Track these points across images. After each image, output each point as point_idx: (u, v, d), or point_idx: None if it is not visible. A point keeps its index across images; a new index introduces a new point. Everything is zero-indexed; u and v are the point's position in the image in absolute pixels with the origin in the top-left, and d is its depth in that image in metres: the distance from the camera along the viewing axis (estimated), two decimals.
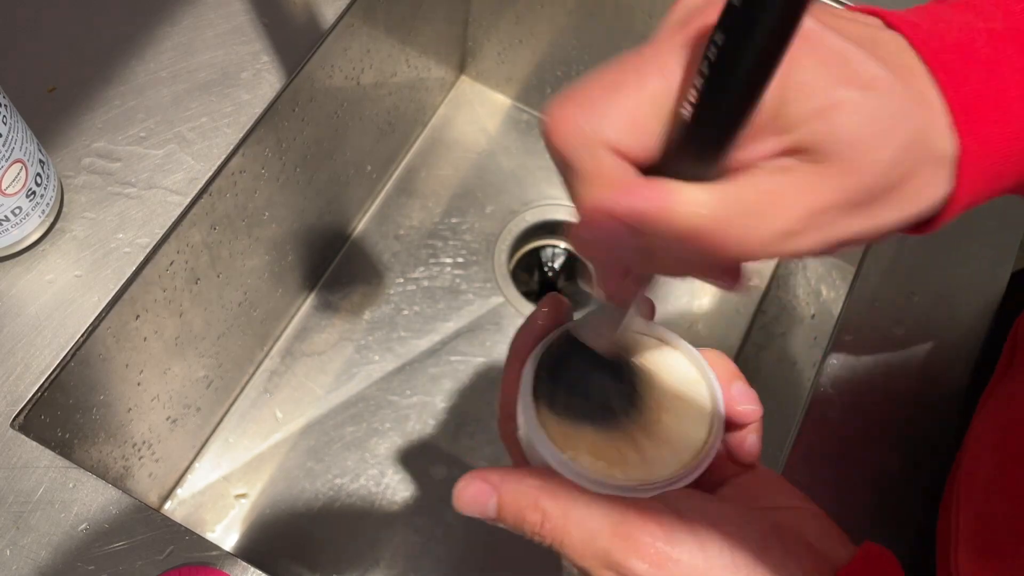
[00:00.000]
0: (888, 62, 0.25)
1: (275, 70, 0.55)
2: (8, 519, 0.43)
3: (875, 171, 0.25)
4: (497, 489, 0.29)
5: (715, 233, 0.24)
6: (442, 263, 0.76)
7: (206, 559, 0.42)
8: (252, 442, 0.68)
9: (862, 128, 0.24)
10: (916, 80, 0.26)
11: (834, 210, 0.25)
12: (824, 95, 0.24)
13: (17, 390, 0.45)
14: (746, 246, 0.25)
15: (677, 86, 0.25)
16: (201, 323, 0.58)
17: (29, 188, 0.45)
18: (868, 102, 0.24)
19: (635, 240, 0.25)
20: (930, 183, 0.26)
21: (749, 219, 0.24)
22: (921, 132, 0.25)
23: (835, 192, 0.25)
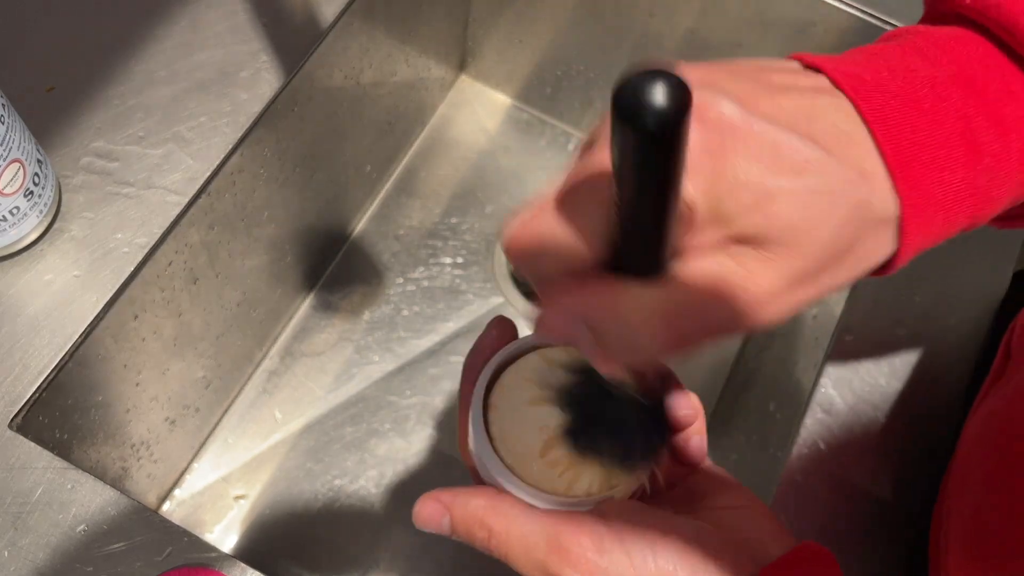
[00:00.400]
0: (824, 136, 0.26)
1: (274, 69, 0.55)
2: (6, 520, 0.42)
3: (817, 250, 0.26)
4: (448, 508, 0.32)
5: (665, 327, 0.26)
6: (442, 263, 0.76)
7: (205, 560, 0.42)
8: (251, 443, 0.68)
9: (797, 213, 0.25)
10: (855, 148, 0.26)
11: (781, 288, 0.26)
12: (757, 187, 0.25)
13: (15, 391, 0.45)
14: (697, 332, 0.26)
15: (602, 205, 0.26)
16: (200, 323, 0.58)
17: (27, 188, 0.45)
18: (802, 187, 0.25)
19: (590, 340, 0.27)
20: (876, 245, 0.27)
21: (700, 309, 0.26)
22: (860, 203, 0.26)
23: (781, 275, 0.26)
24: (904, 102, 0.27)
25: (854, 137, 0.26)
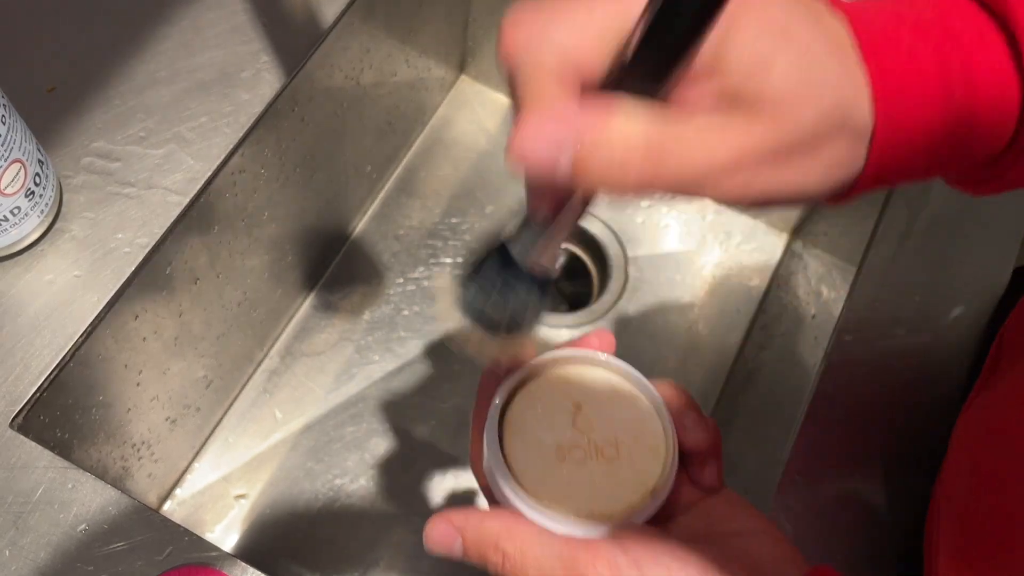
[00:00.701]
0: (826, 37, 0.27)
1: (275, 70, 0.55)
2: (7, 519, 0.43)
3: (797, 128, 0.27)
4: (461, 531, 0.32)
5: (643, 162, 0.26)
6: (442, 263, 0.76)
7: (205, 559, 0.42)
8: (252, 442, 0.68)
9: (791, 87, 0.26)
10: (848, 58, 0.28)
11: (756, 157, 0.26)
12: (761, 52, 0.26)
13: (16, 390, 0.45)
14: (671, 177, 0.26)
15: (631, 9, 0.26)
16: (200, 323, 0.58)
17: (28, 188, 0.45)
18: (800, 65, 0.27)
19: (564, 164, 0.26)
20: (847, 152, 0.28)
21: (678, 150, 0.26)
22: (845, 103, 0.27)
23: (759, 140, 0.26)
24: (888, 37, 0.28)
25: (847, 50, 0.28)
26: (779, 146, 0.27)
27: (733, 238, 0.80)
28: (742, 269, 0.79)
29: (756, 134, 0.26)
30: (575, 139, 0.25)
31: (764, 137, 0.26)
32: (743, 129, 0.26)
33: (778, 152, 0.27)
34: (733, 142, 0.26)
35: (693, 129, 0.26)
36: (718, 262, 0.79)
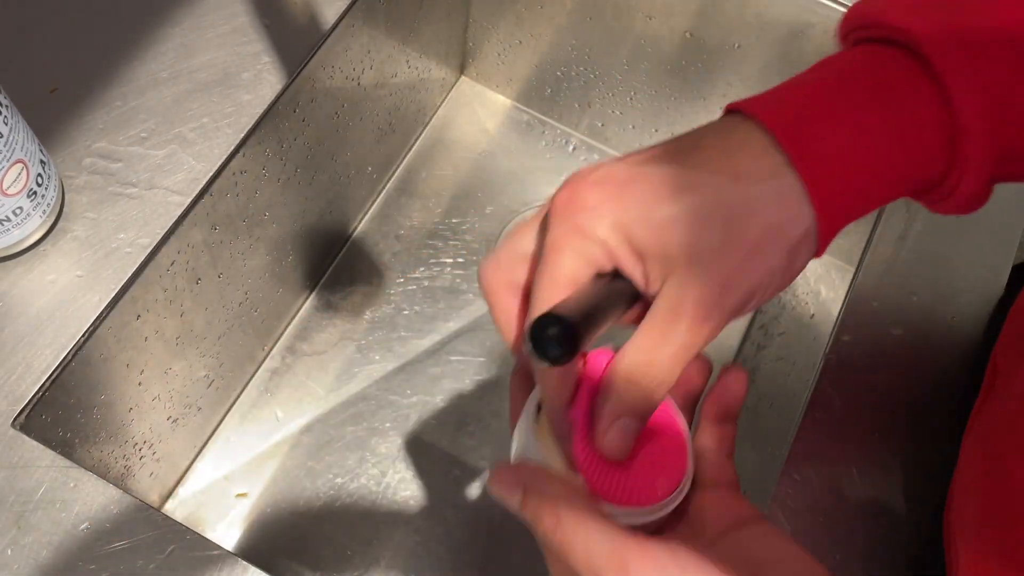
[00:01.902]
0: (741, 166, 0.30)
1: (276, 71, 0.55)
2: (9, 518, 0.43)
3: (713, 259, 0.30)
4: (525, 485, 0.33)
5: (650, 367, 0.30)
6: (442, 263, 0.76)
7: (207, 558, 0.42)
8: (253, 441, 0.68)
9: (685, 235, 0.30)
10: (770, 171, 0.30)
11: (706, 302, 0.30)
12: (653, 221, 0.30)
13: (18, 390, 0.45)
14: (667, 375, 0.31)
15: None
16: (202, 323, 0.58)
17: (30, 188, 0.46)
18: (687, 209, 0.30)
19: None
20: (800, 253, 0.31)
21: (653, 358, 0.30)
22: (775, 225, 0.30)
23: (695, 291, 0.30)
24: (800, 114, 0.31)
25: (770, 161, 0.30)
26: (713, 281, 0.30)
27: None
28: None
29: (689, 288, 0.30)
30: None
31: (696, 286, 0.30)
32: (679, 293, 0.30)
33: (717, 285, 0.30)
34: (680, 308, 0.30)
35: (656, 330, 0.30)
36: None
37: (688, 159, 0.31)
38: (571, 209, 0.31)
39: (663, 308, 0.30)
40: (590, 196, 0.31)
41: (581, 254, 0.31)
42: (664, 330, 0.30)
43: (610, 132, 0.80)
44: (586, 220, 0.31)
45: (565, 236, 0.31)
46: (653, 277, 0.30)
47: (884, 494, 0.48)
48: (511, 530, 0.68)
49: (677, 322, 0.30)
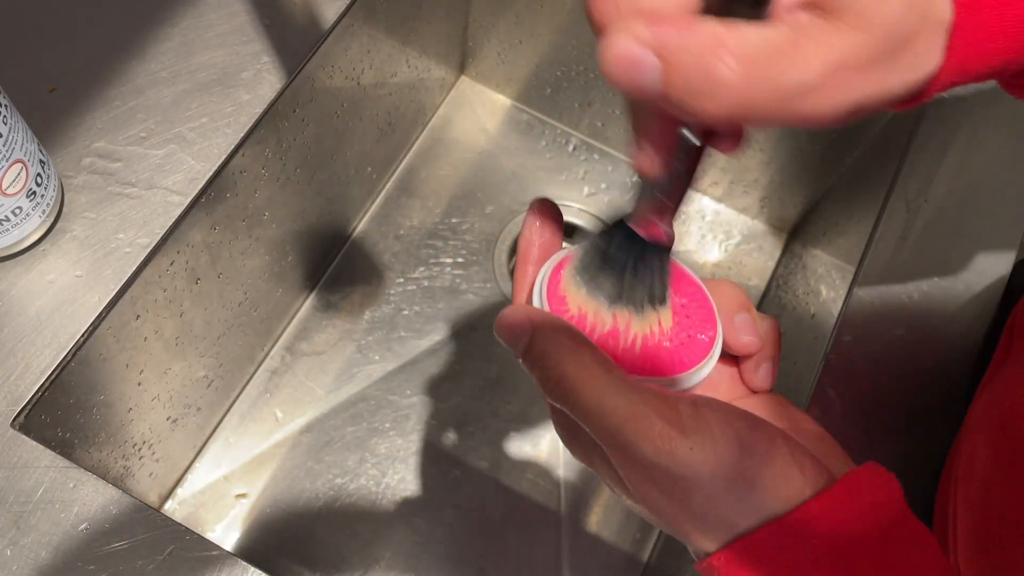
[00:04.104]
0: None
1: (275, 70, 0.55)
2: (8, 519, 0.43)
3: (884, 26, 0.26)
4: (534, 330, 0.30)
5: (735, 71, 0.25)
6: (442, 263, 0.76)
7: (206, 559, 0.42)
8: (252, 442, 0.68)
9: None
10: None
11: (849, 66, 0.26)
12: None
13: (18, 390, 0.45)
14: (767, 91, 0.25)
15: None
16: (201, 323, 0.58)
17: (29, 188, 0.45)
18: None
19: (658, 72, 0.25)
20: (929, 47, 0.27)
21: (771, 65, 0.25)
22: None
23: (849, 47, 0.25)
24: None
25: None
26: (868, 50, 0.26)
27: (733, 238, 0.80)
28: (742, 269, 0.79)
29: (844, 41, 0.25)
30: (662, 44, 0.25)
31: (852, 43, 0.26)
32: (830, 38, 0.25)
33: (868, 54, 0.26)
34: (826, 49, 0.25)
35: (784, 37, 0.25)
36: (718, 262, 0.79)
37: None
38: None
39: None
40: None
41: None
42: (820, 38, 0.25)
43: (610, 132, 0.80)
44: None
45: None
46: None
47: None
48: (511, 530, 0.67)
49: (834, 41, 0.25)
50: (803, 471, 0.30)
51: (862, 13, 0.25)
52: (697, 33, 0.25)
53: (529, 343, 0.31)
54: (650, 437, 0.28)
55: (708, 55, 0.24)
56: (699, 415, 0.29)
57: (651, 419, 0.29)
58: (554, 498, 0.69)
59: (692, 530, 0.30)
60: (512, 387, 0.72)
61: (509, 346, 0.31)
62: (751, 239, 0.80)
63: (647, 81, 0.25)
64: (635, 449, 0.29)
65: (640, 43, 0.25)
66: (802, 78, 0.25)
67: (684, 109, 0.25)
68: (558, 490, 0.69)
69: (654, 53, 0.25)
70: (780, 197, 0.78)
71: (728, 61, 0.24)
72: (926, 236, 0.56)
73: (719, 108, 0.25)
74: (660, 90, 0.25)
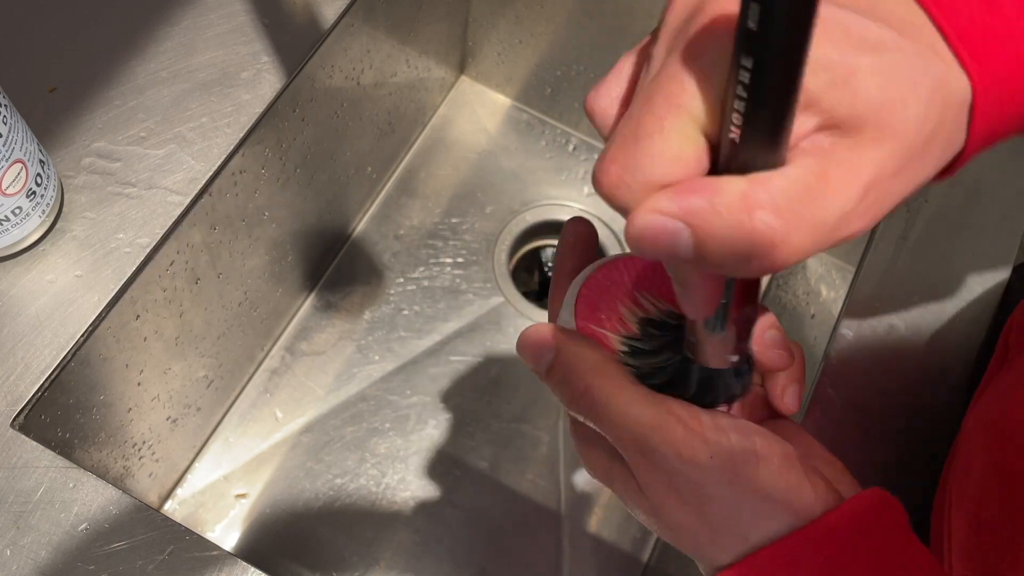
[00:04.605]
0: (889, 21, 0.25)
1: (275, 70, 0.55)
2: (8, 519, 0.43)
3: (909, 129, 0.25)
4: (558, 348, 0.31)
5: (770, 220, 0.24)
6: (442, 263, 0.76)
7: (206, 559, 0.42)
8: (252, 442, 0.68)
9: (884, 89, 0.24)
10: (922, 32, 0.26)
11: (883, 179, 0.25)
12: (837, 66, 0.24)
13: (17, 390, 0.45)
14: (810, 235, 0.24)
15: (699, 109, 0.25)
16: (201, 323, 0.58)
17: (29, 188, 0.45)
18: (882, 63, 0.24)
19: (691, 243, 0.24)
20: (955, 131, 0.26)
21: (808, 206, 0.24)
22: (940, 80, 0.25)
23: (879, 162, 0.24)
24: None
25: (917, 23, 0.26)
26: (898, 158, 0.25)
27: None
28: None
29: (872, 157, 0.24)
30: (687, 211, 0.24)
31: (881, 156, 0.24)
32: (857, 157, 0.24)
33: (900, 163, 0.25)
34: (856, 172, 0.24)
35: (811, 174, 0.24)
36: None
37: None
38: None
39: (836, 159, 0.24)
40: None
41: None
42: (835, 181, 0.24)
43: None
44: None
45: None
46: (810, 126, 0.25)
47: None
48: (511, 530, 0.67)
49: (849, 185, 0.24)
50: (815, 489, 0.30)
51: (883, 124, 0.24)
52: (723, 194, 0.24)
53: (554, 359, 0.31)
54: (673, 443, 0.29)
55: (741, 215, 0.23)
56: (718, 426, 0.30)
57: (674, 427, 0.30)
58: (554, 498, 0.69)
59: (706, 542, 0.31)
60: (512, 387, 0.72)
61: (532, 364, 0.32)
62: None
63: (681, 251, 0.24)
64: (658, 455, 0.29)
65: (666, 216, 0.24)
66: (842, 208, 0.24)
67: (729, 272, 0.25)
68: (558, 490, 0.69)
69: (683, 223, 0.24)
70: None
71: (764, 217, 0.23)
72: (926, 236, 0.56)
73: (772, 265, 0.24)
74: (694, 256, 0.24)
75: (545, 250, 0.80)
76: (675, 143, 0.25)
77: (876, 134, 0.24)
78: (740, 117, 0.23)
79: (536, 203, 0.79)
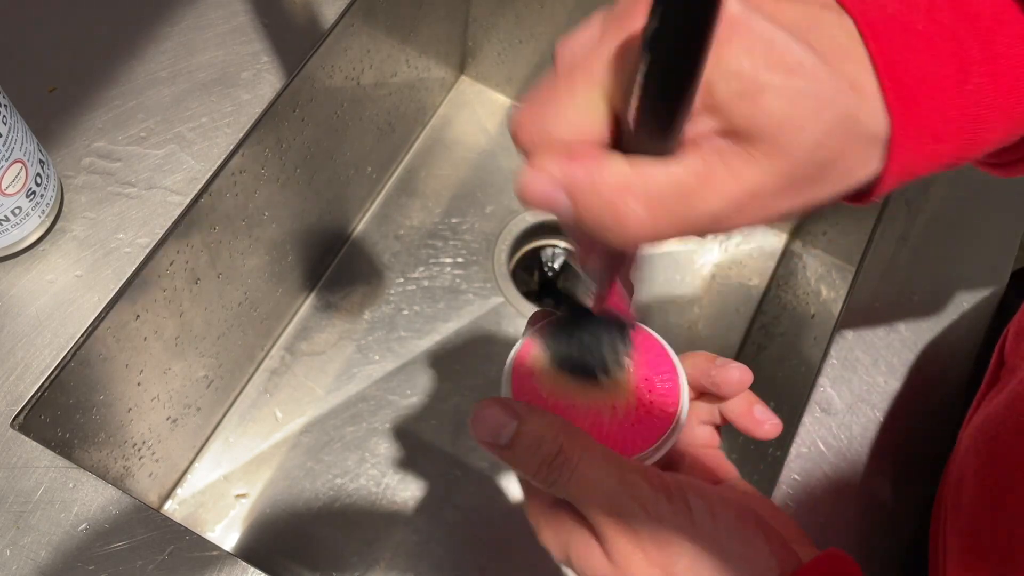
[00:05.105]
0: (821, 45, 0.26)
1: (275, 70, 0.55)
2: (8, 519, 0.43)
3: (801, 154, 0.26)
4: (519, 417, 0.32)
5: (643, 207, 0.26)
6: (442, 263, 0.76)
7: (206, 559, 0.42)
8: (252, 442, 0.68)
9: (785, 111, 0.25)
10: (850, 63, 0.27)
11: (763, 194, 0.26)
12: (748, 79, 0.25)
13: (17, 390, 0.45)
14: (671, 226, 0.26)
15: (611, 86, 0.27)
16: (201, 323, 0.58)
17: (29, 188, 0.45)
18: (791, 86, 0.25)
19: (569, 208, 0.26)
20: (860, 162, 0.27)
21: (676, 203, 0.26)
22: (848, 114, 0.26)
23: (761, 177, 0.26)
24: (900, 26, 0.27)
25: (851, 52, 0.27)
26: (784, 177, 0.26)
27: (733, 238, 0.80)
28: (742, 269, 0.79)
29: (758, 170, 0.26)
30: (569, 185, 0.26)
31: (767, 171, 0.26)
32: (744, 167, 0.26)
33: (784, 181, 0.26)
34: (735, 181, 0.26)
35: (691, 174, 0.26)
36: (718, 262, 0.79)
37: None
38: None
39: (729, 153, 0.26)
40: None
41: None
42: (726, 173, 0.26)
43: None
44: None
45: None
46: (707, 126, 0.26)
47: (885, 494, 0.48)
48: (511, 530, 0.67)
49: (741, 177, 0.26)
50: (772, 549, 0.31)
51: (776, 142, 0.25)
52: (605, 175, 0.26)
53: (519, 428, 0.32)
54: (640, 499, 0.30)
55: (615, 198, 0.25)
56: (679, 484, 0.31)
57: (641, 484, 0.31)
58: None
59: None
60: None
61: (490, 438, 0.32)
62: (751, 239, 0.80)
63: (560, 213, 0.26)
64: (627, 513, 0.30)
65: (551, 181, 0.26)
66: (709, 210, 0.26)
67: (597, 238, 0.27)
68: None
69: (564, 191, 0.26)
70: None
71: (632, 204, 0.25)
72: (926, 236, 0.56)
73: (627, 241, 0.26)
74: (572, 218, 0.26)
75: (545, 250, 0.80)
76: (580, 110, 0.27)
77: (768, 150, 0.25)
78: (637, 104, 0.25)
79: None
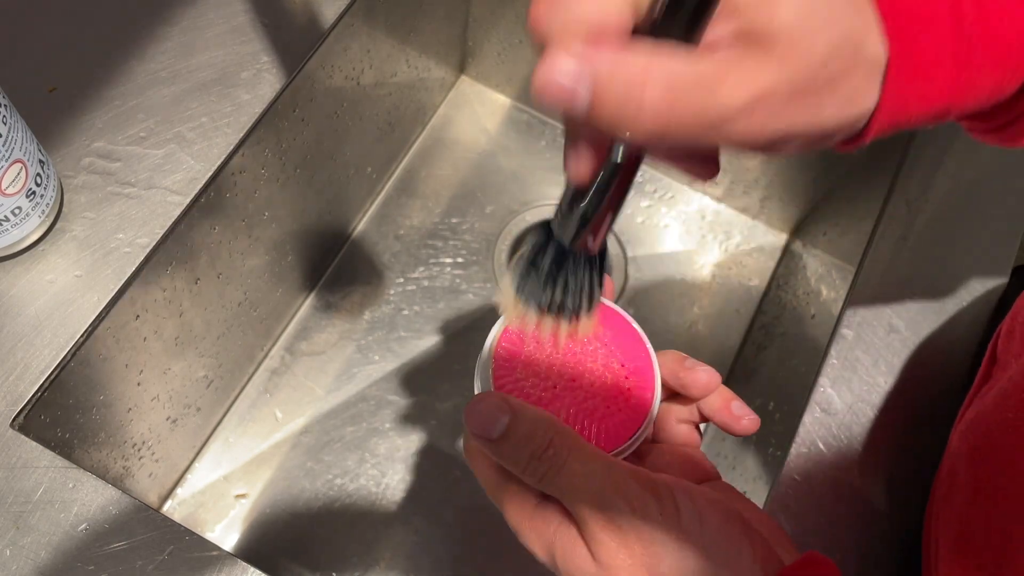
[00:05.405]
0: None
1: (275, 70, 0.55)
2: (8, 519, 0.43)
3: (813, 61, 0.27)
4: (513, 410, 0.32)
5: (660, 97, 0.26)
6: (442, 263, 0.76)
7: (206, 559, 0.42)
8: (252, 442, 0.68)
9: (800, 19, 0.26)
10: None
11: (775, 96, 0.27)
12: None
13: (17, 390, 0.45)
14: (689, 117, 0.26)
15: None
16: (201, 323, 0.58)
17: (29, 188, 0.45)
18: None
19: (586, 102, 0.26)
20: (864, 86, 0.28)
21: (696, 93, 0.26)
22: (855, 34, 0.27)
23: (774, 79, 0.26)
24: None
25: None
26: (795, 82, 0.27)
27: (733, 238, 0.80)
28: (742, 269, 0.79)
29: (770, 71, 0.26)
30: (592, 71, 0.26)
31: (778, 73, 0.26)
32: (757, 68, 0.26)
33: (794, 88, 0.27)
34: (751, 80, 0.26)
35: (711, 68, 0.26)
36: (718, 262, 0.79)
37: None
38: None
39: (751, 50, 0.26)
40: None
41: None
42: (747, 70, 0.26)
43: None
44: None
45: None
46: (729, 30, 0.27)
47: (885, 494, 0.48)
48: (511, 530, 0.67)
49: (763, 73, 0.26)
50: (756, 552, 0.31)
51: (789, 47, 0.26)
52: (629, 63, 0.26)
53: (511, 422, 0.32)
54: (627, 496, 0.31)
55: (636, 82, 0.25)
56: (668, 485, 0.32)
57: (630, 483, 0.31)
58: None
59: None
60: None
61: (482, 431, 0.33)
62: (751, 239, 0.80)
63: (577, 109, 0.26)
64: (614, 509, 0.31)
65: (574, 71, 0.26)
66: (726, 105, 0.26)
67: (610, 130, 0.27)
68: None
69: (586, 81, 0.26)
70: (780, 197, 0.78)
71: (652, 91, 0.25)
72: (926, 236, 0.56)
73: (640, 132, 0.26)
74: (588, 113, 0.26)
75: None
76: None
77: (782, 54, 0.26)
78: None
79: (536, 203, 0.79)
